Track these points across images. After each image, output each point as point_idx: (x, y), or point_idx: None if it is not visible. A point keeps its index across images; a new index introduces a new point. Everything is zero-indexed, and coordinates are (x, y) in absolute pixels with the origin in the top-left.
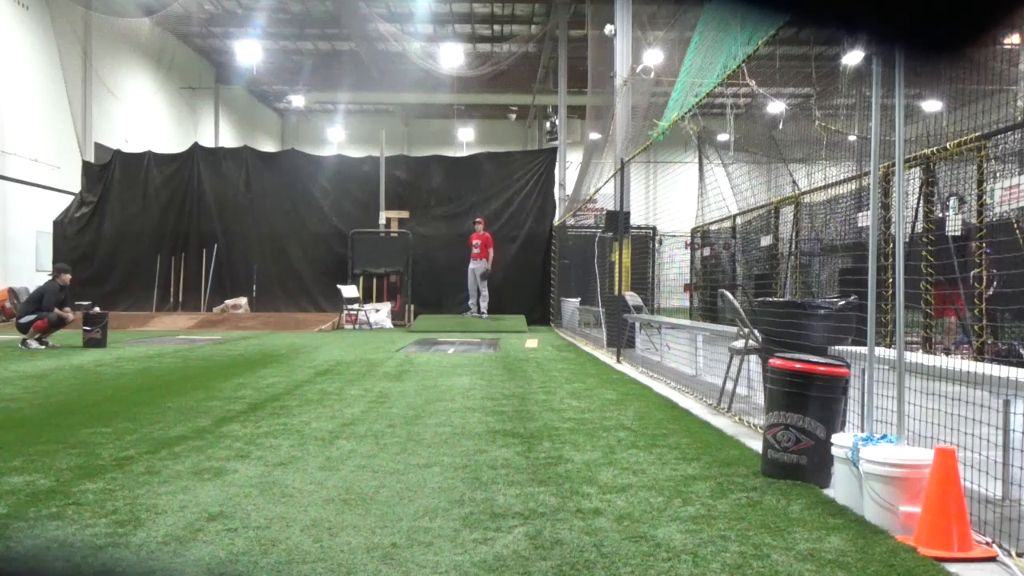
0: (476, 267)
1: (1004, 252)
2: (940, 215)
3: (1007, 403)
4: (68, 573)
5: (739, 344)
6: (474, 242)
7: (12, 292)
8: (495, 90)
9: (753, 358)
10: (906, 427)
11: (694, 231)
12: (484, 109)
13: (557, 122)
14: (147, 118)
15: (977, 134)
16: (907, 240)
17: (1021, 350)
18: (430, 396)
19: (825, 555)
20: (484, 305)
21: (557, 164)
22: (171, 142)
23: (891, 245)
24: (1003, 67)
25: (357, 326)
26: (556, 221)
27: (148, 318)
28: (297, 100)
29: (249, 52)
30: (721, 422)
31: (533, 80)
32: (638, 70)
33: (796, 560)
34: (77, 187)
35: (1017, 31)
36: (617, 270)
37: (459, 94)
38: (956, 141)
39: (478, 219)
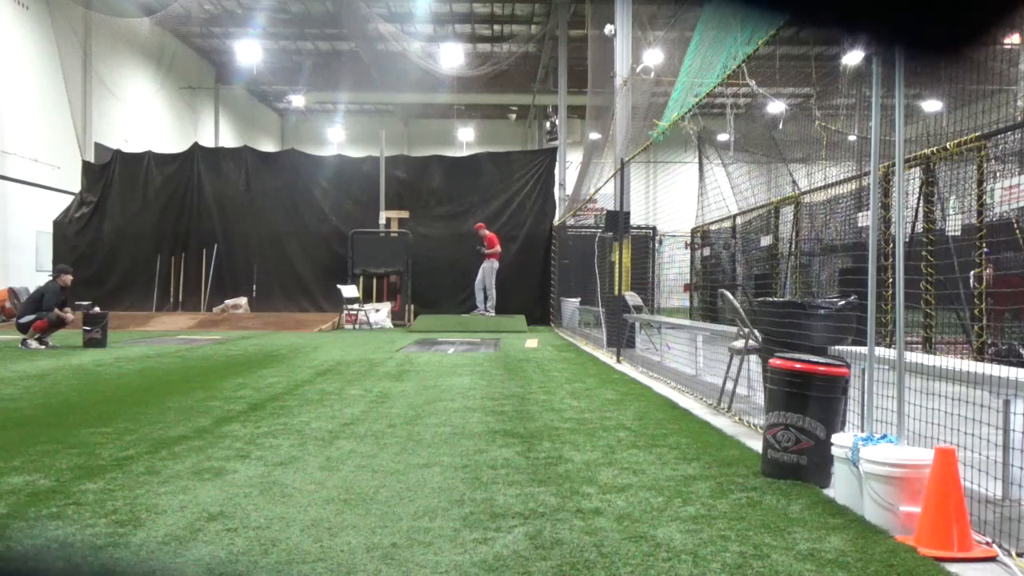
0: (484, 266)
1: (1004, 252)
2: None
3: (1007, 403)
4: (68, 573)
5: (739, 344)
6: (484, 243)
7: (12, 292)
8: (495, 90)
9: (753, 358)
10: (906, 427)
11: (694, 231)
12: (484, 109)
13: (557, 122)
14: (147, 118)
15: (977, 134)
16: (907, 240)
17: (1021, 350)
18: (430, 396)
19: (825, 555)
20: (489, 305)
21: (557, 164)
22: (171, 142)
23: (891, 245)
24: (1003, 67)
25: (357, 326)
26: (556, 221)
27: (148, 318)
28: (297, 100)
29: (249, 52)
30: (721, 422)
31: (533, 80)
32: (638, 70)
33: (796, 560)
34: (77, 187)
35: (1017, 31)
36: (617, 270)
37: (459, 94)
38: (956, 141)
39: (479, 223)
